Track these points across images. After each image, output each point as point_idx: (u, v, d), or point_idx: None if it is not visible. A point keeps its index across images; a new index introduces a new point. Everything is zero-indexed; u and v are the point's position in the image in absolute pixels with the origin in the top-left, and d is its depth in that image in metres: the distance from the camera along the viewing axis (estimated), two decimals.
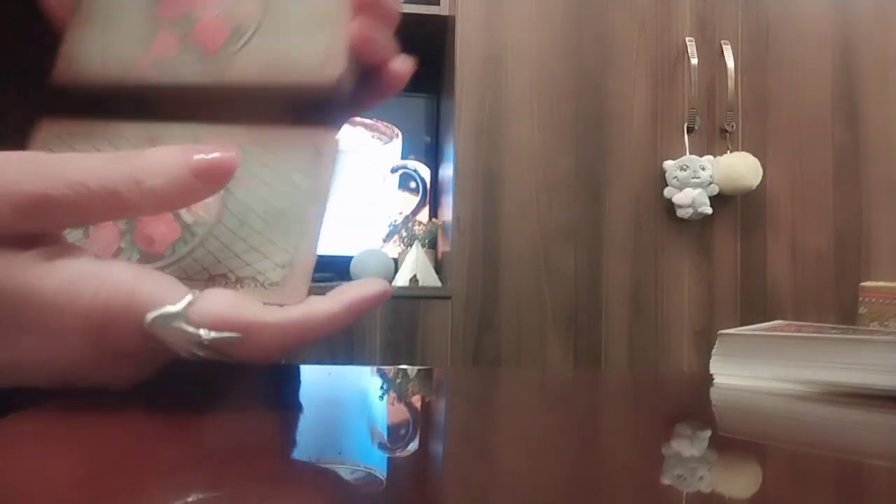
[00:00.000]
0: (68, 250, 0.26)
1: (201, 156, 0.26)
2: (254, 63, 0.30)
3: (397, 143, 1.75)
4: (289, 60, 0.30)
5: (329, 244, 1.66)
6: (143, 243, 0.29)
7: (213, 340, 0.25)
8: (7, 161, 0.25)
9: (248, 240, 0.28)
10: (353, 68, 0.31)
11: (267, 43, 0.30)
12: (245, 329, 0.25)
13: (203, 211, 0.29)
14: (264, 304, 0.26)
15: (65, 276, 0.25)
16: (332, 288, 0.29)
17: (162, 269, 0.28)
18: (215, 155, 0.26)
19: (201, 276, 0.28)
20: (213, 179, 0.26)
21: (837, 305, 1.51)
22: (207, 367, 0.27)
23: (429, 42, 1.64)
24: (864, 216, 1.53)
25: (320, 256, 0.30)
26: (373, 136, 1.74)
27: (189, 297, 0.25)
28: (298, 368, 0.46)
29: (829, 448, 0.29)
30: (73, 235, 0.30)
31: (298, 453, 0.25)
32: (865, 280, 1.49)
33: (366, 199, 1.72)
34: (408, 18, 1.70)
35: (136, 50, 0.32)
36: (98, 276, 0.25)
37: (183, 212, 0.29)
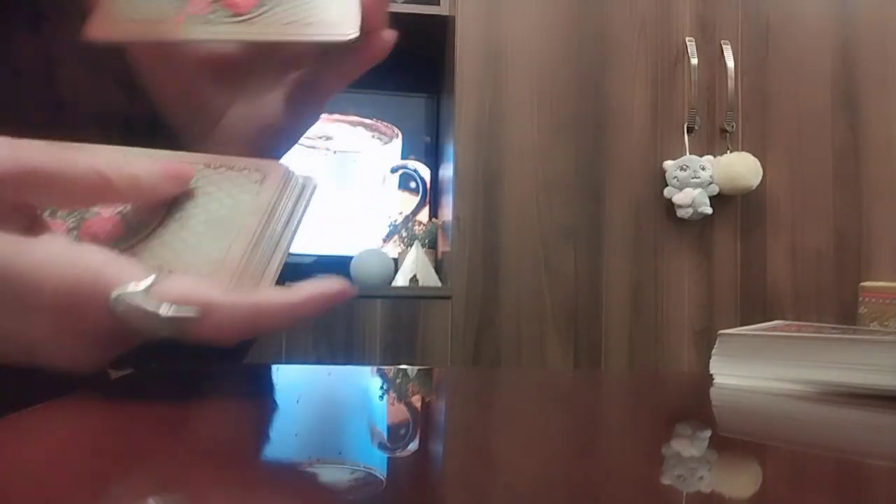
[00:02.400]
0: (46, 231, 0.29)
1: (166, 162, 0.31)
2: (279, 21, 0.33)
3: (397, 143, 1.75)
4: (311, 20, 0.33)
5: (329, 244, 1.66)
6: (88, 239, 0.31)
7: (171, 316, 0.26)
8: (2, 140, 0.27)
9: (186, 240, 0.31)
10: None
11: (292, 6, 0.34)
12: (204, 305, 0.27)
13: (149, 216, 0.32)
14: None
15: (42, 254, 0.27)
16: None
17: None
18: (176, 164, 0.31)
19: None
20: (177, 182, 0.31)
21: (837, 305, 1.51)
22: (207, 367, 0.27)
23: (429, 42, 1.64)
24: (864, 216, 1.53)
25: (320, 256, 0.31)
26: (373, 136, 1.74)
27: (152, 278, 0.27)
28: (300, 369, 0.46)
29: (829, 448, 0.29)
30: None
31: (299, 453, 0.25)
32: (865, 280, 1.49)
33: (366, 199, 1.72)
34: (408, 18, 1.70)
35: (170, 8, 0.35)
36: (71, 257, 0.27)
37: (130, 215, 0.32)
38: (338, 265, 1.60)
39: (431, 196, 1.75)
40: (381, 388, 0.42)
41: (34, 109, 0.31)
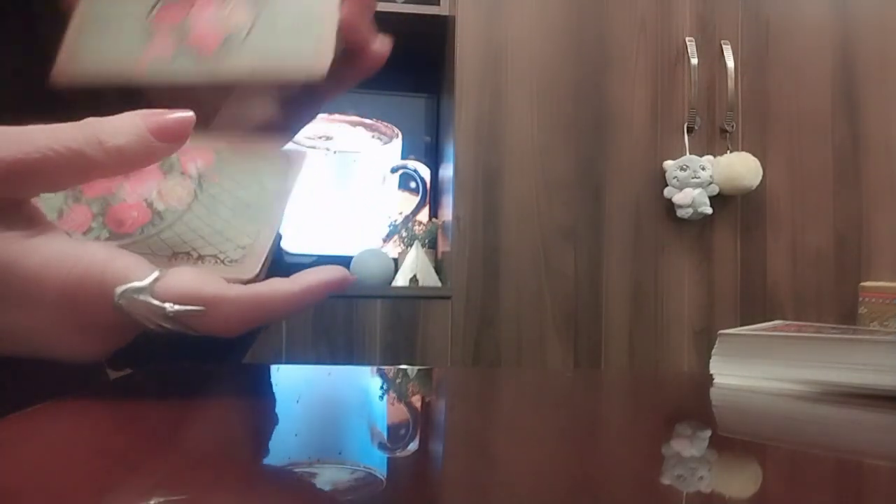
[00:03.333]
0: (47, 229, 0.28)
1: (158, 117, 0.28)
2: (247, 62, 0.32)
3: (397, 143, 1.75)
4: (280, 59, 0.32)
5: (329, 244, 1.66)
6: (114, 225, 0.31)
7: (178, 313, 0.27)
8: None
9: (213, 225, 0.31)
10: (339, 51, 0.33)
11: (259, 44, 0.32)
12: (207, 302, 0.27)
13: (175, 202, 0.31)
14: (225, 279, 0.29)
15: (46, 253, 0.27)
16: None
17: (128, 245, 0.30)
18: (171, 115, 0.28)
19: (165, 252, 0.30)
20: (169, 137, 0.28)
21: (837, 305, 1.51)
22: (207, 366, 0.27)
23: (429, 42, 1.64)
24: (864, 216, 1.53)
25: (320, 256, 0.31)
26: (373, 136, 1.74)
27: (155, 274, 0.27)
28: (300, 369, 0.46)
29: (829, 448, 0.29)
30: (48, 217, 0.32)
31: (299, 453, 0.25)
32: (865, 280, 1.49)
33: (366, 199, 1.72)
34: (408, 18, 1.70)
35: (134, 51, 0.34)
36: (74, 254, 0.27)
37: (156, 200, 0.31)
38: (338, 265, 1.60)
39: (431, 196, 1.74)
40: (381, 388, 0.42)
41: (28, 114, 0.31)
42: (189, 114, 0.29)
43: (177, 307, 0.27)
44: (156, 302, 0.27)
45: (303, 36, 0.32)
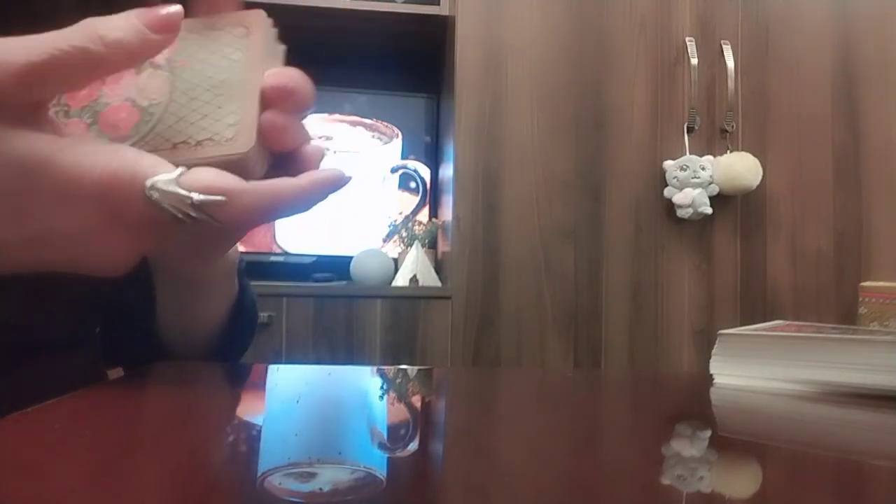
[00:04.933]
0: (65, 133, 0.30)
1: (151, 12, 0.31)
2: (165, 142, 0.32)
3: (397, 143, 1.75)
4: (200, 137, 0.32)
5: (329, 244, 1.66)
6: (109, 130, 0.32)
7: (202, 202, 0.29)
8: None
9: (199, 109, 0.32)
10: (264, 152, 0.34)
11: (178, 121, 0.32)
12: (228, 192, 0.29)
13: (156, 94, 0.33)
14: (223, 155, 0.31)
15: (77, 151, 0.29)
16: (333, 287, 0.30)
17: (129, 146, 0.31)
18: (162, 10, 0.31)
19: (165, 146, 0.32)
20: (163, 28, 0.31)
21: (837, 305, 1.51)
22: (208, 367, 0.27)
23: (429, 42, 1.64)
24: (864, 216, 1.53)
25: (320, 256, 0.32)
26: (373, 136, 1.74)
27: (181, 169, 0.30)
28: (300, 369, 0.46)
29: (829, 448, 0.29)
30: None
31: (299, 453, 0.25)
32: (865, 280, 1.49)
33: (366, 199, 1.72)
34: (408, 18, 1.70)
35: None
36: (106, 152, 0.29)
37: (138, 97, 0.33)
38: (338, 265, 1.60)
39: (431, 196, 1.74)
40: (381, 388, 0.42)
41: None
42: (177, 7, 0.31)
43: (202, 196, 0.29)
44: (183, 191, 0.29)
45: (224, 111, 0.32)
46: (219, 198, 0.29)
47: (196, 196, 0.29)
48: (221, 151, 0.31)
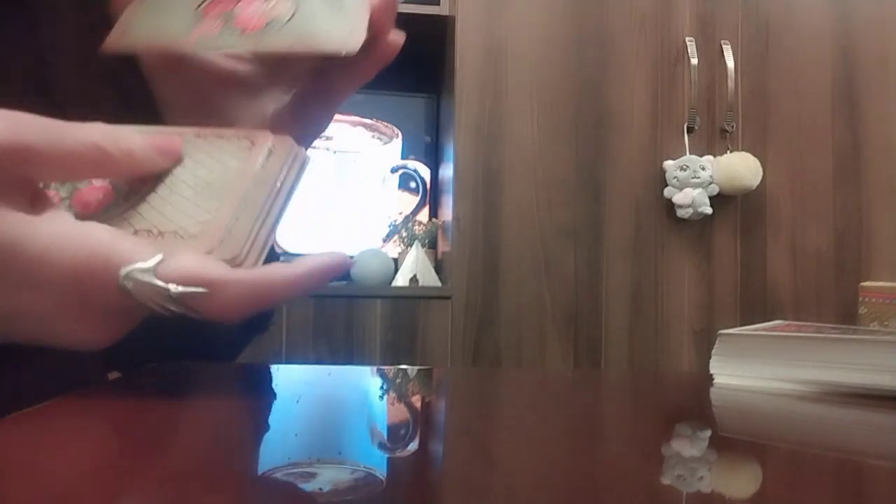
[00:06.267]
0: (49, 208, 0.29)
1: (158, 135, 0.32)
2: (287, 38, 0.35)
3: (397, 143, 1.75)
4: (318, 34, 0.35)
5: (329, 244, 1.66)
6: (79, 206, 0.32)
7: (181, 294, 0.27)
8: None
9: (175, 203, 0.32)
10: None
11: (300, 25, 0.35)
12: (210, 284, 0.27)
13: (139, 184, 0.32)
14: (203, 254, 0.29)
15: (50, 233, 0.27)
16: (333, 287, 0.30)
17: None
18: (168, 137, 0.32)
19: (127, 230, 0.31)
20: (166, 155, 0.32)
21: (837, 305, 1.51)
22: (207, 367, 0.27)
23: (429, 42, 1.64)
24: (864, 216, 1.53)
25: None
26: (373, 136, 1.74)
27: (160, 256, 0.28)
28: (300, 369, 0.46)
29: (829, 448, 0.29)
30: None
31: (299, 453, 0.25)
32: (865, 280, 1.49)
33: (366, 199, 1.72)
34: (408, 18, 1.69)
35: (183, 31, 0.37)
36: (80, 235, 0.28)
37: (120, 184, 0.33)
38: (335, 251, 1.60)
39: (431, 196, 1.74)
40: (381, 388, 0.42)
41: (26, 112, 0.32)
42: (178, 138, 0.32)
43: (181, 288, 0.27)
44: (160, 283, 0.27)
45: (338, 17, 0.35)
46: (200, 290, 0.27)
47: (174, 288, 0.27)
48: (181, 245, 0.30)
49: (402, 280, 1.52)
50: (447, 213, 1.52)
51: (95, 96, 0.43)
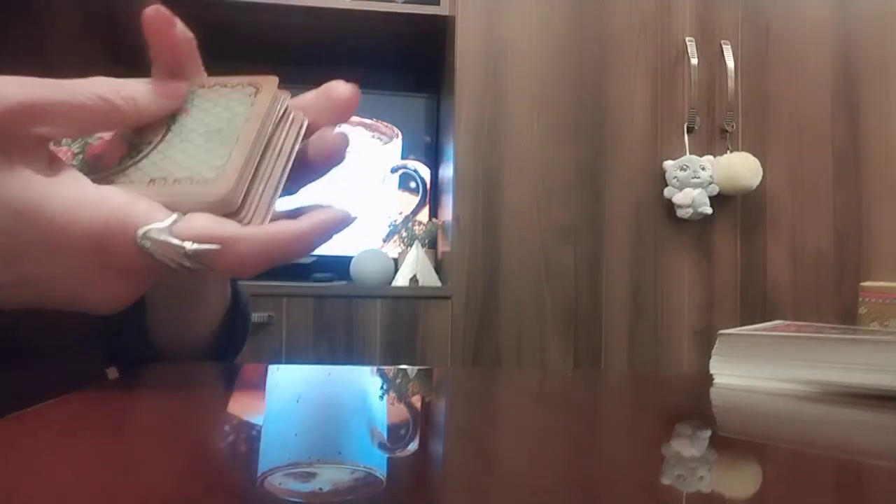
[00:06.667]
0: (64, 169, 0.30)
1: (161, 82, 0.32)
2: (144, 176, 0.32)
3: (397, 143, 1.75)
4: (180, 175, 0.31)
5: (329, 244, 1.66)
6: (93, 160, 0.33)
7: (196, 251, 0.28)
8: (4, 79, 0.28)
9: (187, 151, 0.32)
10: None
11: (163, 159, 0.32)
12: (223, 240, 0.29)
13: (150, 134, 0.33)
14: (199, 195, 0.30)
15: (67, 197, 0.28)
16: (333, 287, 0.30)
17: (107, 176, 0.31)
18: (172, 82, 0.33)
19: (142, 180, 0.31)
20: (170, 98, 0.32)
21: (837, 305, 1.50)
22: (207, 367, 0.27)
23: (429, 42, 1.64)
24: (864, 216, 1.53)
25: (320, 256, 0.32)
26: (373, 136, 1.74)
27: (175, 216, 0.29)
28: (300, 369, 0.46)
29: (829, 448, 0.29)
30: None
31: (299, 453, 0.25)
32: (865, 280, 1.49)
33: (366, 199, 1.72)
34: (408, 18, 1.70)
35: None
36: (98, 198, 0.29)
37: (130, 135, 0.33)
38: (338, 265, 1.60)
39: (431, 196, 1.74)
40: (381, 388, 0.42)
41: None
42: (184, 82, 0.33)
43: (195, 246, 0.28)
44: (176, 241, 0.28)
45: (211, 154, 0.32)
46: (213, 246, 0.29)
47: (189, 245, 0.28)
48: (198, 190, 0.30)
49: (402, 280, 1.52)
50: (447, 213, 1.52)
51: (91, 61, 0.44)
